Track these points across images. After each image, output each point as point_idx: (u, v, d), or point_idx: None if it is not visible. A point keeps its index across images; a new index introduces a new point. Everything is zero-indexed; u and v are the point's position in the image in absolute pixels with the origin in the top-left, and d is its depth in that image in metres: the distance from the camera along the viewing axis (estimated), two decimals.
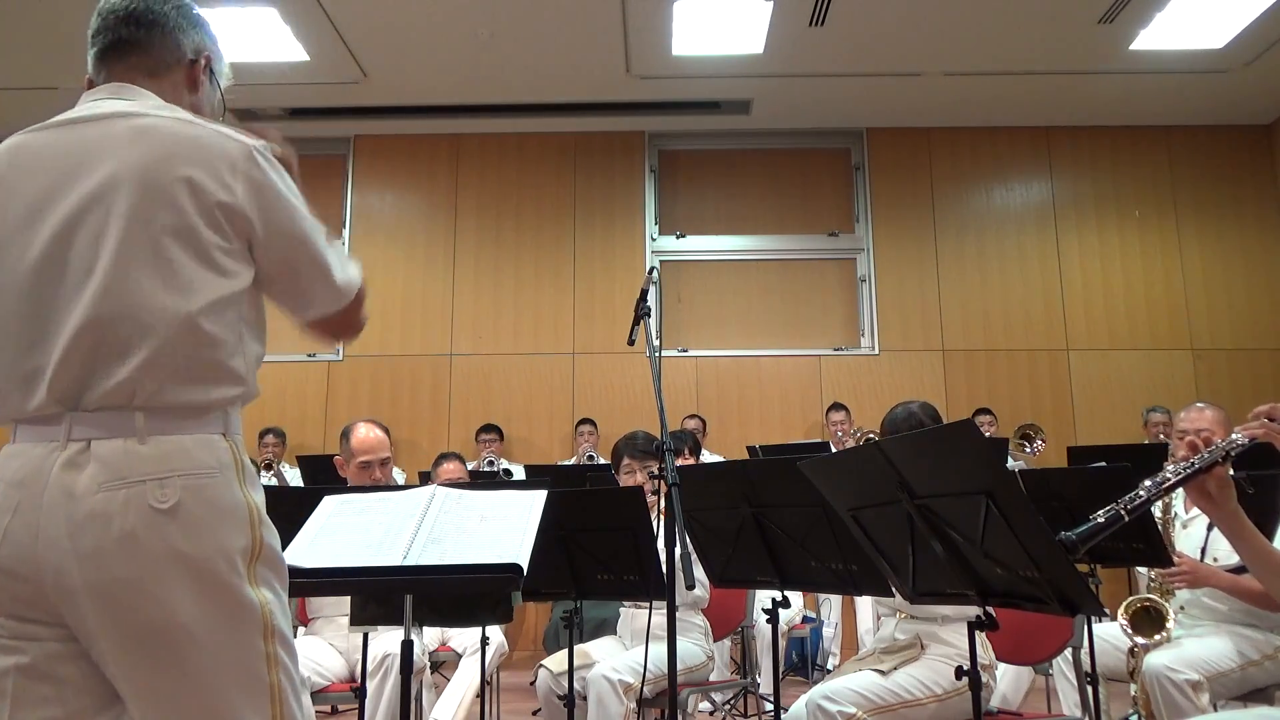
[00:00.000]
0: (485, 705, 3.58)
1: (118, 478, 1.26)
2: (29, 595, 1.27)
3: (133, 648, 1.25)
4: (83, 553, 1.23)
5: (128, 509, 1.25)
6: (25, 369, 1.31)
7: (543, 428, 7.16)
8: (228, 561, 1.30)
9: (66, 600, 1.25)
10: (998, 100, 7.07)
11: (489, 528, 2.15)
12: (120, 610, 1.24)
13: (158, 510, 1.26)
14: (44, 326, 1.31)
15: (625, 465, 3.47)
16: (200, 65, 1.57)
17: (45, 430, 1.30)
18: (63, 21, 5.78)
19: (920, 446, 1.84)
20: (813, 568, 2.42)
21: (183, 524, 1.27)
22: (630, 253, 7.42)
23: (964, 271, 7.36)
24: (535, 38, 6.02)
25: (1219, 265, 7.31)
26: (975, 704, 1.97)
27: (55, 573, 1.24)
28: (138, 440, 1.29)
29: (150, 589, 1.25)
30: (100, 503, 1.25)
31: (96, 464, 1.27)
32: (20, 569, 1.26)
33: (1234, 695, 2.84)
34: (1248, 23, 5.90)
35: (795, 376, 7.22)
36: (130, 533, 1.24)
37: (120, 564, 1.24)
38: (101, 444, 1.28)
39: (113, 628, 1.25)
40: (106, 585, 1.24)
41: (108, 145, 1.36)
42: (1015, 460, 6.34)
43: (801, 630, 5.22)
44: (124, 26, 1.50)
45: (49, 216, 1.34)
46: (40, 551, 1.25)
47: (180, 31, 1.54)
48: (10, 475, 1.29)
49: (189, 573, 1.27)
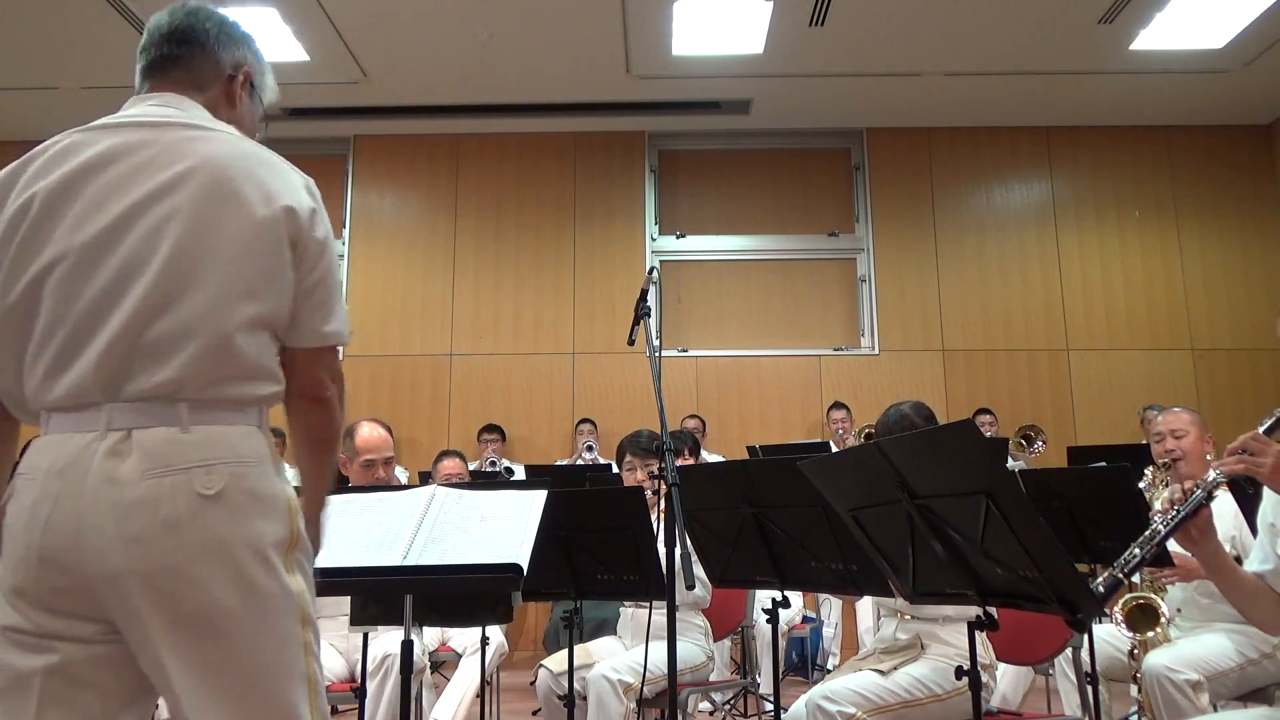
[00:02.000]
0: (485, 705, 3.58)
1: (163, 465, 1.28)
2: (69, 585, 1.27)
3: (178, 633, 1.26)
4: (129, 538, 1.25)
5: (175, 495, 1.27)
6: (63, 355, 1.32)
7: (543, 428, 7.16)
8: (268, 549, 1.33)
9: (110, 588, 1.26)
10: (998, 100, 7.08)
11: (489, 528, 2.15)
12: (166, 595, 1.26)
13: (204, 496, 1.29)
14: (89, 314, 1.32)
15: (627, 462, 3.48)
16: (239, 81, 1.60)
17: (82, 419, 1.31)
18: (63, 21, 5.78)
19: (920, 446, 1.84)
20: (813, 568, 2.42)
21: (227, 511, 1.30)
22: (630, 253, 7.42)
23: (964, 271, 7.36)
24: (535, 38, 6.02)
25: (1219, 265, 7.31)
26: (975, 704, 1.97)
27: (100, 559, 1.25)
28: (180, 429, 1.31)
29: (196, 574, 1.27)
30: (146, 489, 1.27)
31: (140, 452, 1.28)
32: (63, 558, 1.26)
33: (1234, 695, 2.84)
34: (1248, 23, 5.91)
35: (795, 376, 7.22)
36: (177, 518, 1.27)
37: (167, 549, 1.26)
38: (144, 433, 1.30)
39: (158, 613, 1.26)
40: (153, 570, 1.25)
41: (170, 149, 1.40)
42: (1015, 460, 6.34)
43: (801, 630, 5.22)
44: (167, 44, 1.55)
45: (107, 209, 1.36)
46: (84, 539, 1.25)
47: (220, 48, 1.58)
48: (48, 465, 1.29)
49: (232, 559, 1.29)
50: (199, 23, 1.57)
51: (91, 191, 1.37)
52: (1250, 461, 1.80)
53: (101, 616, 1.29)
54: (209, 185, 1.38)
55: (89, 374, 1.30)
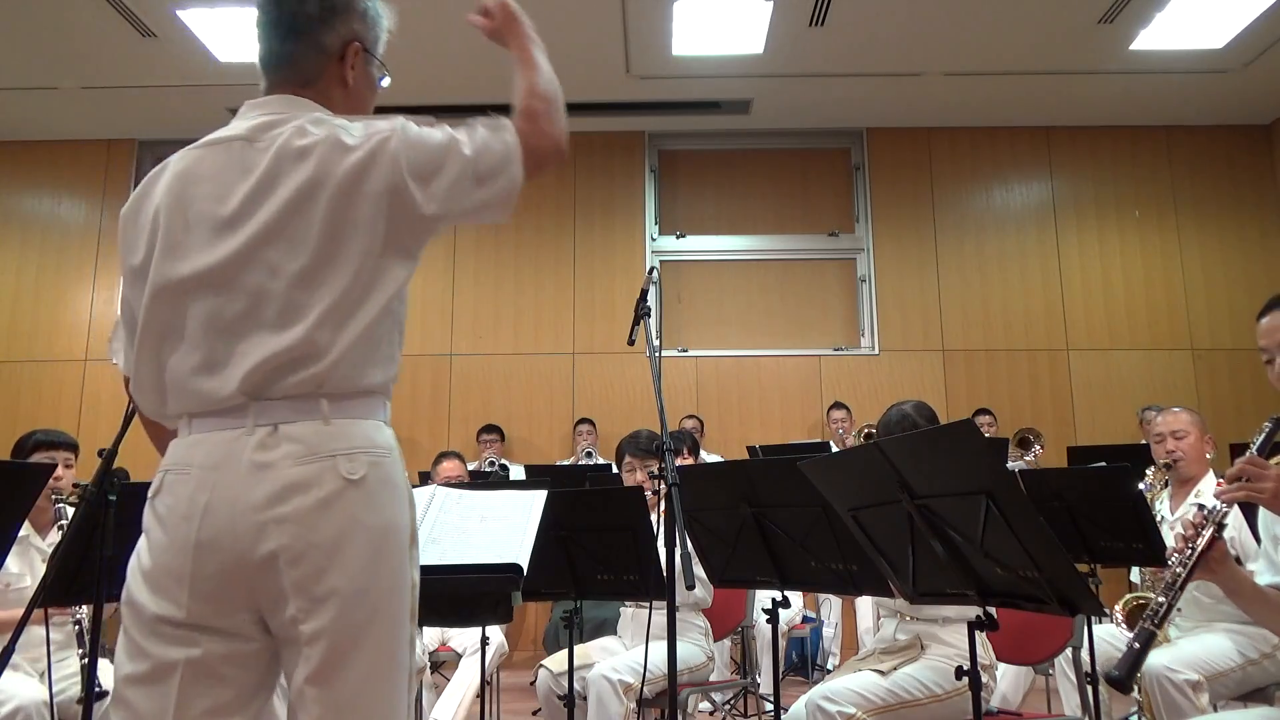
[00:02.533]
0: (485, 705, 3.58)
1: (310, 452, 1.35)
2: (223, 569, 1.33)
3: (315, 608, 1.32)
4: (281, 518, 1.32)
5: (323, 478, 1.35)
6: (211, 364, 1.38)
7: (543, 428, 7.17)
8: (399, 537, 1.40)
9: (263, 568, 1.32)
10: (998, 100, 7.08)
11: (489, 528, 2.15)
12: (311, 571, 1.32)
13: (349, 480, 1.36)
14: (235, 327, 1.38)
15: (627, 463, 3.49)
16: (349, 58, 1.54)
17: (227, 419, 1.37)
18: (63, 21, 5.78)
19: (920, 446, 1.84)
20: (813, 568, 2.42)
21: (368, 496, 1.37)
22: (630, 253, 7.43)
23: (964, 271, 7.36)
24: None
25: (1219, 265, 7.31)
26: (975, 704, 1.97)
27: (255, 540, 1.32)
28: (323, 422, 1.38)
29: (340, 552, 1.33)
30: (298, 473, 1.34)
31: (289, 442, 1.36)
32: (221, 541, 1.33)
33: (1234, 695, 2.84)
34: (1248, 23, 5.91)
35: (795, 376, 7.22)
36: (326, 500, 1.34)
37: (316, 527, 1.33)
38: (289, 426, 1.37)
39: (303, 590, 1.32)
40: (303, 549, 1.32)
41: (301, 156, 1.40)
42: (1014, 462, 6.34)
43: (801, 630, 5.22)
44: (271, 37, 1.52)
45: (243, 225, 1.39)
46: (241, 522, 1.32)
47: (326, 29, 1.51)
48: (201, 460, 1.36)
49: (371, 542, 1.36)
50: (298, 5, 1.50)
51: (212, 205, 1.41)
52: (1251, 488, 1.80)
53: (251, 604, 1.35)
54: (321, 191, 1.39)
55: (238, 380, 1.36)
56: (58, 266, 7.40)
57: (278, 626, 1.36)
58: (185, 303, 1.40)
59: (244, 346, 1.37)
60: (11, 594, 2.87)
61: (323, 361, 1.37)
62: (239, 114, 1.51)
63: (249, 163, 1.41)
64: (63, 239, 7.46)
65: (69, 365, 7.21)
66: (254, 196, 1.39)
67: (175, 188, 1.44)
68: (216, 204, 1.41)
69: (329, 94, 1.52)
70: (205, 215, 1.41)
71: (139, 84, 6.60)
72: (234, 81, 6.48)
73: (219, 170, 1.43)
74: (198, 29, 5.83)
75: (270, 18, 1.51)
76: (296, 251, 1.38)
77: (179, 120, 7.13)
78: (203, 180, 1.43)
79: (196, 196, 1.42)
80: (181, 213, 1.42)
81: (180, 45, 6.02)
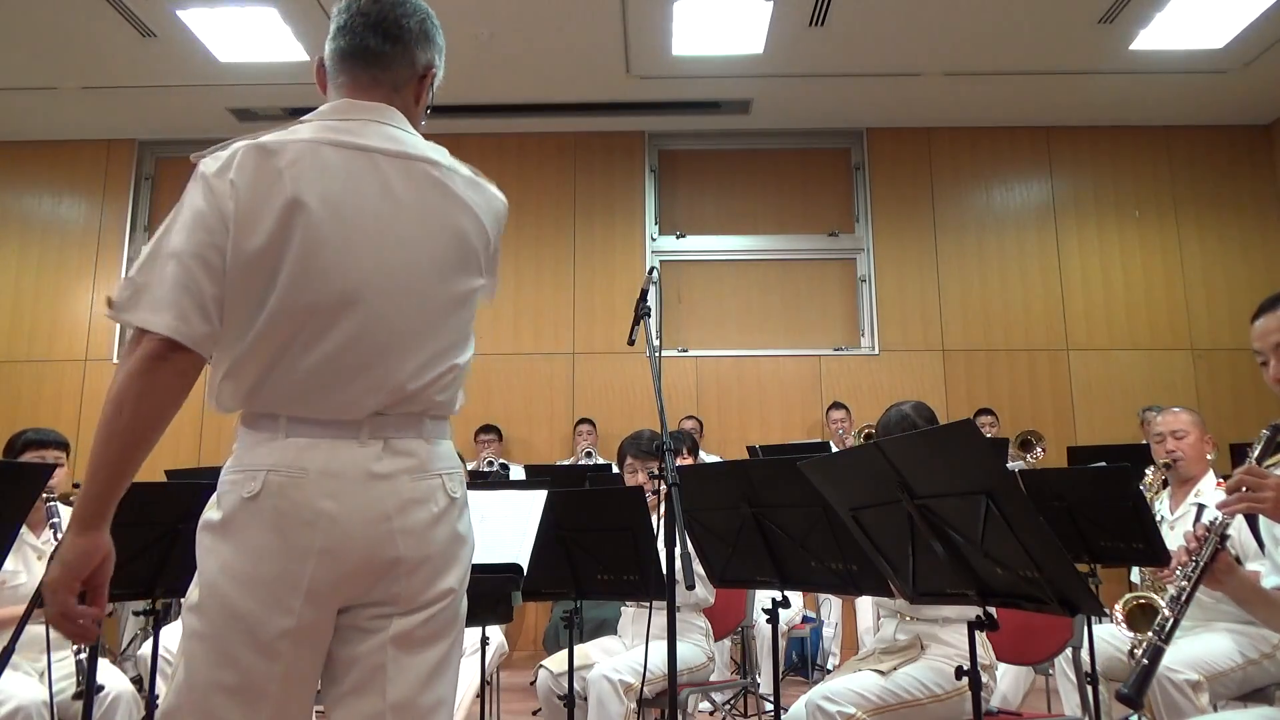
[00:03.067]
0: (485, 705, 3.58)
1: (422, 470, 1.45)
2: (342, 576, 1.38)
3: (416, 610, 1.43)
4: (405, 529, 1.41)
5: (435, 495, 1.45)
6: (342, 379, 1.41)
7: (542, 428, 7.17)
8: (473, 551, 1.54)
9: (377, 574, 1.40)
10: (998, 100, 7.08)
11: (489, 528, 2.15)
12: (423, 581, 1.43)
13: (453, 498, 1.48)
14: (384, 341, 1.43)
15: (628, 464, 3.48)
16: (428, 80, 1.61)
17: (340, 429, 1.41)
18: (63, 21, 5.78)
19: (920, 447, 1.84)
20: (813, 568, 2.42)
21: (462, 512, 1.51)
22: (630, 253, 7.43)
23: (964, 271, 7.36)
24: (535, 38, 6.02)
25: (1219, 265, 7.31)
26: (975, 704, 1.97)
27: (375, 548, 1.39)
28: (426, 441, 1.47)
29: (444, 564, 1.45)
30: (417, 489, 1.43)
31: (404, 458, 1.44)
32: (343, 547, 1.37)
33: (1234, 695, 2.84)
34: (1248, 23, 5.91)
35: (795, 376, 7.22)
36: (440, 515, 1.45)
37: (430, 540, 1.43)
38: (399, 442, 1.44)
39: (412, 595, 1.42)
40: (420, 559, 1.42)
41: (425, 186, 1.50)
42: (1014, 462, 6.34)
43: (801, 630, 5.22)
44: (371, 35, 1.53)
45: (392, 246, 1.44)
46: (363, 530, 1.38)
47: (419, 47, 1.57)
48: (320, 467, 1.38)
49: (463, 555, 1.50)
50: (405, 17, 1.54)
51: (367, 217, 1.43)
52: (1251, 499, 1.80)
53: (344, 603, 1.41)
54: (457, 223, 1.51)
55: (372, 402, 1.41)
56: (58, 266, 7.40)
57: (360, 614, 1.42)
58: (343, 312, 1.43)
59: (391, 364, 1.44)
60: (7, 591, 2.87)
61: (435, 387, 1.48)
62: (339, 110, 1.50)
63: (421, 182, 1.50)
64: (63, 239, 7.46)
65: (69, 365, 7.21)
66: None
67: (336, 188, 1.43)
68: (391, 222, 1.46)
69: (409, 106, 1.58)
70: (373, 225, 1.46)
71: (139, 84, 6.60)
72: (234, 81, 6.48)
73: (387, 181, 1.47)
74: (198, 29, 5.83)
75: (370, 20, 1.53)
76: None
77: (179, 120, 7.14)
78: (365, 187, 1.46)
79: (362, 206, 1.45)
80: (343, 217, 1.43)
81: (180, 45, 6.02)
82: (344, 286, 1.40)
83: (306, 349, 1.39)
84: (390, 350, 1.43)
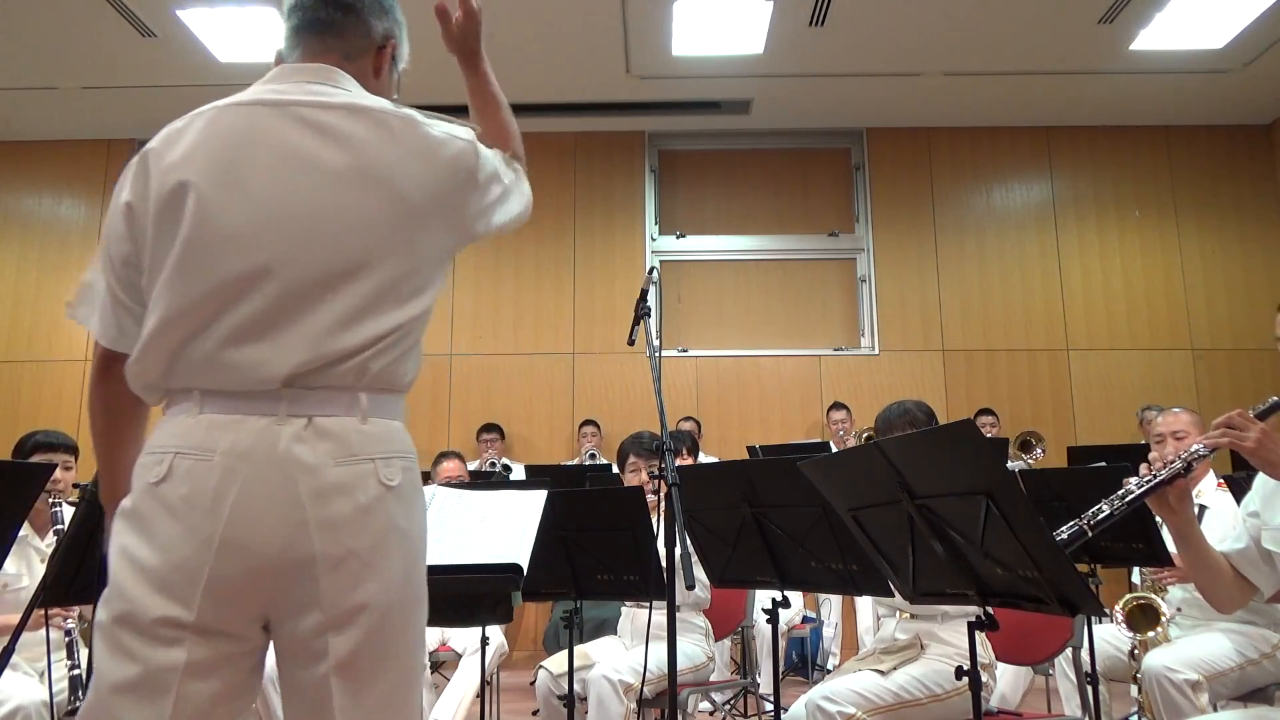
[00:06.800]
0: (485, 705, 3.58)
1: (350, 454, 1.29)
2: (247, 571, 1.25)
3: (345, 617, 1.27)
4: (322, 521, 1.26)
5: (365, 483, 1.29)
6: (245, 343, 1.29)
7: (543, 428, 7.16)
8: (423, 545, 1.38)
9: (290, 570, 1.25)
10: (998, 100, 7.08)
11: (489, 528, 2.15)
12: (346, 579, 1.27)
13: (387, 486, 1.31)
14: (284, 306, 1.30)
15: (631, 464, 3.49)
16: (386, 51, 1.56)
17: (256, 403, 1.29)
18: (63, 21, 5.78)
19: (920, 446, 1.84)
20: (813, 568, 2.42)
21: (403, 503, 1.33)
22: (630, 253, 7.42)
23: (964, 271, 7.36)
24: (535, 38, 6.02)
25: (1219, 265, 7.31)
26: (975, 704, 1.97)
27: (287, 542, 1.25)
28: (360, 420, 1.32)
29: (374, 561, 1.28)
30: (341, 475, 1.28)
31: (327, 439, 1.29)
32: (248, 539, 1.24)
33: (1233, 695, 2.84)
34: (1248, 23, 5.91)
35: (795, 376, 7.22)
36: (368, 506, 1.29)
37: (355, 534, 1.27)
38: (326, 420, 1.30)
39: (336, 599, 1.26)
40: (340, 554, 1.26)
41: (347, 135, 1.37)
42: (1014, 462, 6.34)
43: (801, 630, 5.22)
44: (323, 7, 1.50)
45: (292, 194, 1.33)
46: (273, 521, 1.25)
47: (373, 15, 1.53)
48: (227, 446, 1.26)
49: (403, 550, 1.32)
50: None
51: (278, 171, 1.34)
52: (1235, 435, 1.84)
53: (261, 608, 1.28)
54: (387, 172, 1.36)
55: (285, 365, 1.28)
56: (58, 266, 7.40)
57: (292, 633, 1.28)
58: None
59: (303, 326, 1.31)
60: (9, 595, 2.87)
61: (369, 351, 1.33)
62: (276, 76, 1.46)
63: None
64: (63, 239, 7.46)
65: (69, 365, 7.21)
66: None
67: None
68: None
69: (365, 76, 1.51)
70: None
71: (139, 84, 6.60)
72: (234, 81, 6.44)
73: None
74: (198, 29, 5.84)
75: None
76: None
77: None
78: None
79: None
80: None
81: (180, 45, 6.02)
82: (248, 249, 1.31)
83: (218, 316, 1.30)
84: (304, 303, 1.31)
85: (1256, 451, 1.83)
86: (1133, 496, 1.85)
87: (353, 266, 1.33)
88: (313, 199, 1.33)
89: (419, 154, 1.40)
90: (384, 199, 1.36)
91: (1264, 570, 1.96)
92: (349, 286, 1.32)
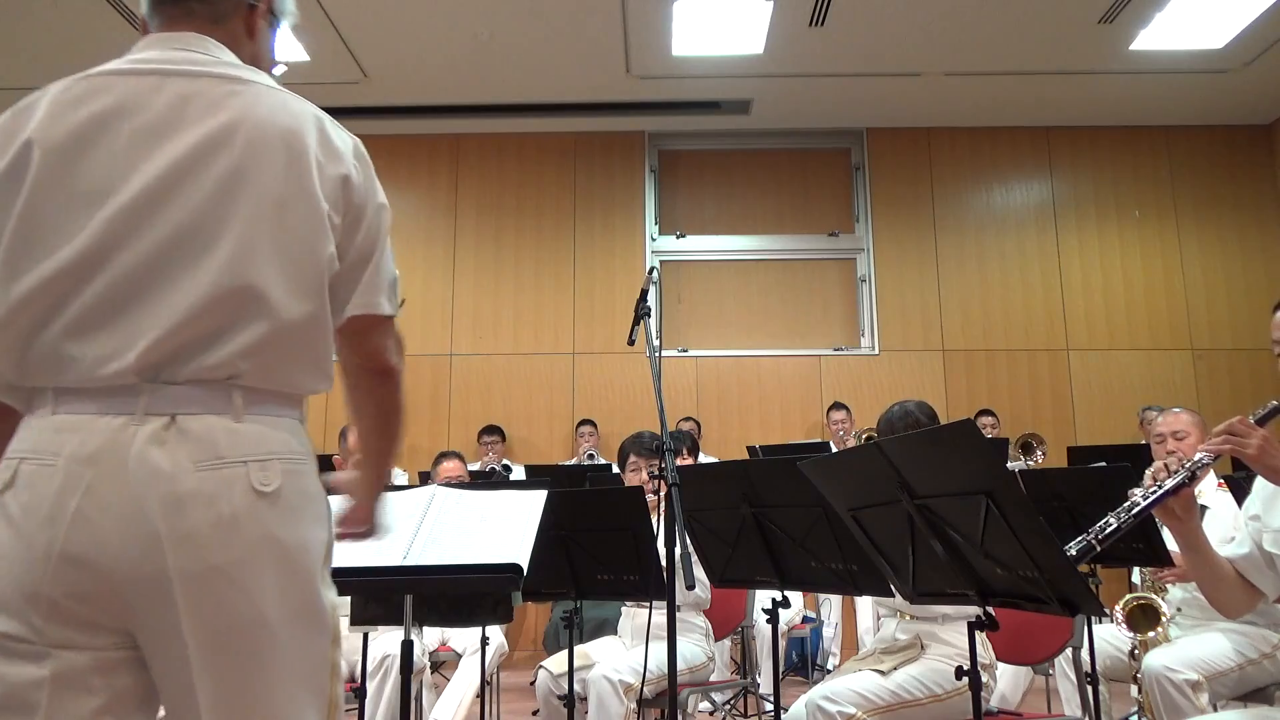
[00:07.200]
0: (485, 705, 3.58)
1: (214, 457, 1.16)
2: (93, 589, 1.12)
3: (211, 643, 1.14)
4: (178, 535, 1.12)
5: (231, 490, 1.15)
6: (90, 331, 1.16)
7: (543, 428, 7.16)
8: (314, 556, 1.22)
9: (147, 592, 1.12)
10: (998, 100, 7.08)
11: (489, 528, 2.15)
12: (209, 600, 1.13)
13: (261, 493, 1.17)
14: (133, 287, 1.17)
15: (631, 463, 3.49)
16: (260, 9, 1.41)
17: (111, 401, 1.15)
18: (63, 21, 5.78)
19: (920, 446, 1.84)
20: (813, 568, 2.42)
21: (282, 511, 1.18)
22: (630, 253, 7.43)
23: (964, 271, 7.36)
24: (535, 38, 6.02)
25: (1219, 265, 7.31)
26: (975, 704, 1.97)
27: (138, 558, 1.12)
28: (233, 418, 1.18)
29: (243, 579, 1.15)
30: (200, 482, 1.14)
31: (189, 441, 1.15)
32: (93, 556, 1.11)
33: (1233, 695, 2.84)
34: (1248, 23, 5.91)
35: (795, 376, 7.22)
36: (233, 516, 1.14)
37: (218, 549, 1.13)
38: (191, 419, 1.16)
39: (196, 619, 1.13)
40: (200, 571, 1.13)
41: (210, 101, 1.25)
42: (1014, 462, 6.34)
43: (801, 630, 5.22)
44: None
45: (145, 164, 1.20)
46: (124, 535, 1.11)
47: None
48: (72, 450, 1.13)
49: (282, 565, 1.18)
50: None
51: (121, 144, 1.21)
52: (1236, 442, 1.84)
53: (120, 626, 1.15)
54: (259, 148, 1.23)
55: (132, 353, 1.15)
56: None
57: (155, 659, 1.16)
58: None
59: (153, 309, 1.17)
60: None
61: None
62: (139, 46, 1.32)
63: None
64: None
65: None
66: None
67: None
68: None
69: (236, 39, 1.37)
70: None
71: None
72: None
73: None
74: None
75: None
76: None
77: None
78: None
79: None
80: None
81: None
82: (91, 224, 1.18)
83: (64, 301, 1.17)
84: (156, 281, 1.17)
85: (1258, 458, 1.83)
86: (1139, 509, 1.84)
87: (211, 243, 1.20)
88: (168, 173, 1.20)
89: (289, 123, 1.29)
90: (255, 165, 1.24)
91: (1268, 574, 1.96)
92: (210, 263, 1.19)
